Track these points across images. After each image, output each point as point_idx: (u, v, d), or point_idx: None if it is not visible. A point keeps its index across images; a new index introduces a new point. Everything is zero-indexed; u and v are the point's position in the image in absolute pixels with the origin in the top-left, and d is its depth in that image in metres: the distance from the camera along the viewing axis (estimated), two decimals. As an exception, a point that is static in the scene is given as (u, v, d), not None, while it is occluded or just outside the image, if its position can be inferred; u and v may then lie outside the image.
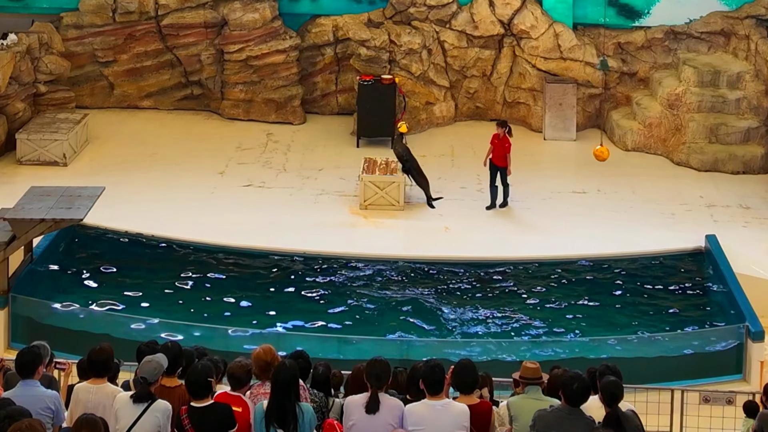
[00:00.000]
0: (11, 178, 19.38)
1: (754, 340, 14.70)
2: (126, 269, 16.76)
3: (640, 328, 15.59)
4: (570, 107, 22.04)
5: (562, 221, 18.44)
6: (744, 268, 16.61)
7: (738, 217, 18.85)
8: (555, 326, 15.65)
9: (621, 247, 17.55)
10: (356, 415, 8.13)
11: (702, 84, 21.13)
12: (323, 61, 22.96)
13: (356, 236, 17.86)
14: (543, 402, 8.60)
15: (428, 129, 22.41)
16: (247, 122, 22.55)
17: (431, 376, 8.13)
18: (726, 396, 12.55)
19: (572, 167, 21.07)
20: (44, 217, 14.87)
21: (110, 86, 22.89)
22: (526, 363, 9.24)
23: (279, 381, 7.94)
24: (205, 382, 7.97)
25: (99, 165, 20.21)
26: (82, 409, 8.39)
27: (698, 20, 22.22)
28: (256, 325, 15.36)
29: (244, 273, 16.80)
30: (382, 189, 18.68)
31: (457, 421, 8.02)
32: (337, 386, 9.76)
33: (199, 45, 22.72)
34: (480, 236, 17.91)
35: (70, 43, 22.39)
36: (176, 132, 22.04)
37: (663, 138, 21.30)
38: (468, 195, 19.06)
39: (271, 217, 18.32)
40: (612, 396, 7.96)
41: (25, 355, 8.41)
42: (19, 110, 20.81)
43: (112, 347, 8.82)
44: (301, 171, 20.41)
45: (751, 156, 20.70)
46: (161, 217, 17.99)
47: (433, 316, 15.83)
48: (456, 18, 22.59)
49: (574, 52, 22.26)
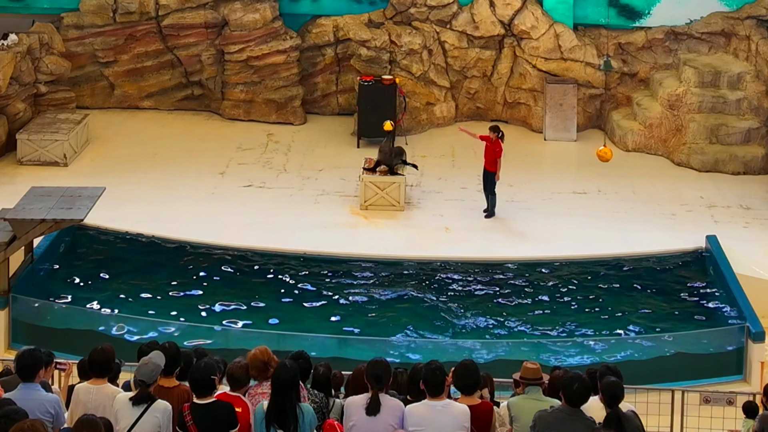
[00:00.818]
0: (12, 178, 19.38)
1: (754, 340, 14.69)
2: (126, 269, 16.75)
3: (641, 328, 15.58)
4: (570, 108, 22.04)
5: (563, 222, 18.43)
6: (744, 269, 16.60)
7: (738, 218, 18.84)
8: (555, 327, 15.64)
9: (621, 248, 17.53)
10: (357, 415, 8.12)
11: (702, 84, 21.12)
12: (324, 62, 22.96)
13: (356, 237, 17.85)
14: (543, 402, 8.59)
15: (429, 129, 22.41)
16: (248, 122, 22.56)
17: (432, 378, 8.12)
18: (726, 397, 12.54)
19: (573, 168, 21.06)
20: (45, 217, 14.86)
21: (111, 86, 22.90)
22: (526, 363, 9.23)
23: (279, 382, 7.94)
24: (208, 380, 7.99)
25: (99, 165, 20.21)
26: (83, 410, 8.39)
27: (699, 21, 22.22)
28: (256, 325, 15.36)
29: (244, 273, 16.79)
30: (383, 189, 18.68)
31: (458, 422, 8.01)
32: (337, 387, 9.75)
33: (199, 45, 22.72)
34: (480, 237, 17.90)
35: (70, 44, 22.39)
36: (177, 132, 22.04)
37: (663, 138, 21.29)
38: (468, 196, 19.05)
39: (271, 218, 18.32)
40: (613, 396, 7.94)
41: (26, 358, 8.38)
42: (20, 110, 20.81)
43: (113, 347, 8.82)
44: (302, 171, 20.41)
45: (751, 156, 20.69)
46: (162, 218, 17.99)
47: (433, 316, 15.82)
48: (456, 18, 22.59)
49: (574, 52, 22.26)
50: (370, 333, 15.22)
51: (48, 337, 14.57)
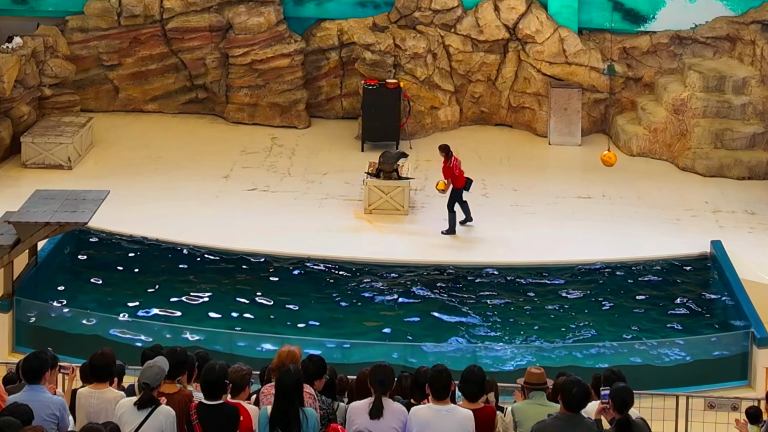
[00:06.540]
0: (16, 181, 19.39)
1: (759, 346, 14.68)
2: (130, 273, 16.76)
3: (645, 334, 15.55)
4: (575, 112, 22.02)
5: (567, 226, 18.41)
6: (749, 274, 16.58)
7: (743, 223, 18.81)
8: (559, 331, 15.62)
9: (626, 253, 17.52)
10: (360, 420, 8.11)
11: (707, 89, 21.09)
12: (328, 65, 22.96)
13: (360, 240, 17.84)
14: (547, 407, 8.56)
15: (433, 133, 22.37)
16: (252, 126, 22.56)
17: (438, 381, 8.11)
18: (731, 402, 12.51)
19: (577, 172, 21.04)
20: (49, 220, 14.87)
21: (115, 90, 22.91)
22: (530, 368, 9.20)
23: (283, 386, 7.94)
24: (222, 383, 8.02)
25: (104, 168, 20.22)
26: (84, 414, 8.39)
27: (704, 25, 22.21)
28: (261, 329, 15.35)
29: (248, 277, 16.79)
30: (387, 193, 18.66)
31: (463, 427, 8.00)
32: (342, 392, 9.72)
33: (204, 49, 22.73)
34: (485, 241, 17.89)
35: (75, 47, 22.40)
36: (181, 135, 22.05)
37: (668, 143, 21.27)
38: (472, 200, 19.00)
39: (275, 221, 18.31)
40: (622, 402, 7.89)
41: (32, 360, 8.40)
42: (24, 113, 20.82)
43: (113, 351, 8.81)
44: (306, 175, 20.41)
45: (756, 161, 20.67)
46: (165, 221, 17.99)
47: (437, 320, 15.81)
48: (461, 22, 22.58)
49: (579, 56, 22.24)
50: (373, 337, 15.21)
51: (51, 340, 14.56)
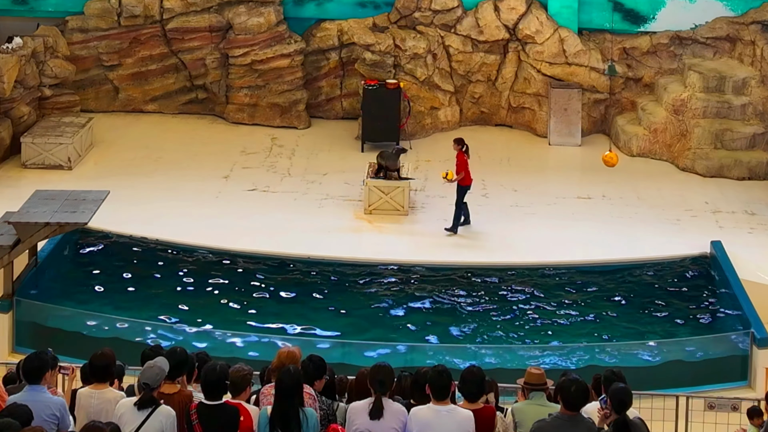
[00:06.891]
0: (16, 181, 19.38)
1: (759, 346, 14.67)
2: (130, 273, 16.75)
3: (645, 334, 15.55)
4: (575, 112, 22.02)
5: (567, 227, 18.40)
6: (749, 275, 16.57)
7: (743, 223, 18.80)
8: (560, 332, 15.62)
9: (626, 253, 17.52)
10: (360, 420, 8.11)
11: (707, 89, 21.09)
12: (328, 66, 22.96)
13: (360, 241, 17.83)
14: (547, 408, 8.57)
15: (433, 134, 22.38)
16: (252, 126, 22.56)
17: (438, 381, 8.10)
18: (731, 403, 12.51)
19: (577, 173, 21.04)
20: (49, 220, 14.87)
21: (115, 90, 22.91)
22: (530, 369, 9.20)
23: (282, 386, 7.94)
24: (223, 384, 8.03)
25: (104, 169, 20.22)
26: (84, 414, 8.39)
27: (704, 26, 22.20)
28: (260, 329, 15.35)
29: (248, 277, 16.78)
30: (387, 194, 18.65)
31: (463, 428, 7.99)
32: (342, 392, 9.72)
33: (204, 49, 22.73)
34: (485, 241, 17.89)
35: (75, 47, 22.40)
36: (181, 136, 22.05)
37: (668, 143, 21.27)
38: (473, 200, 18.99)
39: (275, 222, 18.31)
40: (621, 403, 7.87)
41: (33, 361, 8.40)
42: (24, 114, 20.82)
43: (113, 352, 8.80)
44: (306, 175, 20.40)
45: (756, 162, 20.66)
46: (166, 221, 17.99)
47: (437, 321, 15.81)
48: (461, 23, 22.57)
49: (579, 57, 22.24)
50: (373, 338, 15.20)
51: (51, 341, 14.55)
